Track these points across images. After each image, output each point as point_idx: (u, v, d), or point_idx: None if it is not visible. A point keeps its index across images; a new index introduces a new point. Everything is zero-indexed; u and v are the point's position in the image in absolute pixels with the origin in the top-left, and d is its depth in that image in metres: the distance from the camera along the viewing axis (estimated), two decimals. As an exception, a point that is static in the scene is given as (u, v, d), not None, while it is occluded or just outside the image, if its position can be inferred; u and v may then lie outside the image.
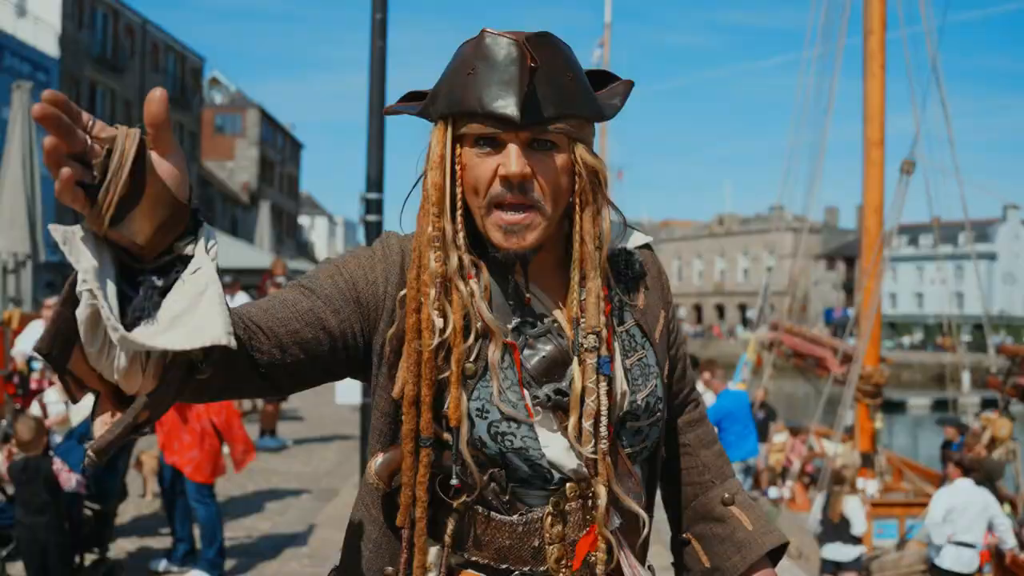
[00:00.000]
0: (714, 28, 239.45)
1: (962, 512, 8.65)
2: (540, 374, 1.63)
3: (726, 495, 1.90)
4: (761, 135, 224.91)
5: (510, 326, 1.65)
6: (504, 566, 1.66)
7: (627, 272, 1.80)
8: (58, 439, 7.66)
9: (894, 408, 33.50)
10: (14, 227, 11.71)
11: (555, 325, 1.67)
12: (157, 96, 1.17)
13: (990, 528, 8.75)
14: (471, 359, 1.61)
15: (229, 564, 7.22)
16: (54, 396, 7.91)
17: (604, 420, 1.62)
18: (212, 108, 61.00)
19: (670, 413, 1.90)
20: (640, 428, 1.72)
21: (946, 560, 8.68)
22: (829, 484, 9.29)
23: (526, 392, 1.62)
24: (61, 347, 1.22)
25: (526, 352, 1.64)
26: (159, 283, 1.22)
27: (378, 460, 1.66)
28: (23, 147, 12.04)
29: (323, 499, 9.67)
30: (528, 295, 1.67)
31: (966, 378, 18.05)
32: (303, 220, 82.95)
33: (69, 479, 5.91)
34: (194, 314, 1.20)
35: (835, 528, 9.00)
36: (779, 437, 13.98)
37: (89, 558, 6.39)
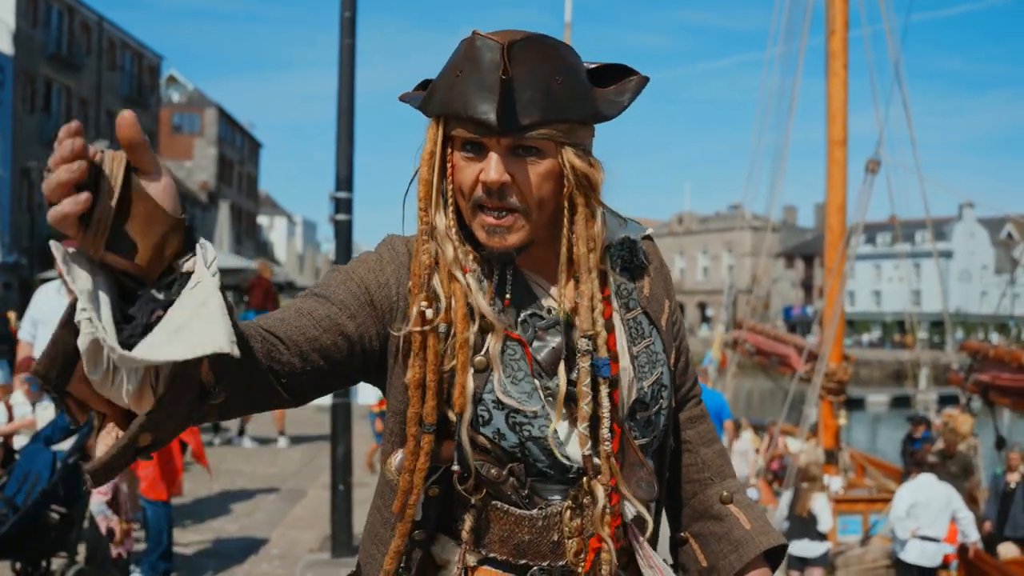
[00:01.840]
0: (673, 28, 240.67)
1: (925, 507, 8.77)
2: (550, 365, 1.64)
3: (724, 493, 1.89)
4: (719, 135, 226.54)
5: (519, 319, 1.66)
6: (523, 562, 1.67)
7: (631, 261, 1.79)
8: (24, 441, 7.55)
9: (853, 405, 33.84)
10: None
11: (565, 316, 1.68)
12: (127, 119, 1.17)
13: (954, 522, 8.89)
14: (482, 352, 1.62)
15: (199, 567, 7.16)
16: (20, 398, 7.79)
17: (606, 423, 1.62)
18: (170, 107, 60.41)
19: (680, 400, 1.92)
20: (649, 418, 1.73)
21: (911, 554, 8.80)
22: (796, 481, 9.36)
23: (538, 383, 1.63)
24: (60, 370, 1.22)
25: (535, 344, 1.65)
26: (160, 296, 1.21)
27: (398, 457, 1.66)
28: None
29: (291, 500, 9.62)
30: (508, 296, 1.67)
31: (923, 375, 18.28)
32: (262, 220, 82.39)
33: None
34: (195, 325, 1.17)
35: (802, 524, 9.07)
36: (744, 435, 14.06)
37: (56, 562, 6.30)
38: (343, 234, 7.50)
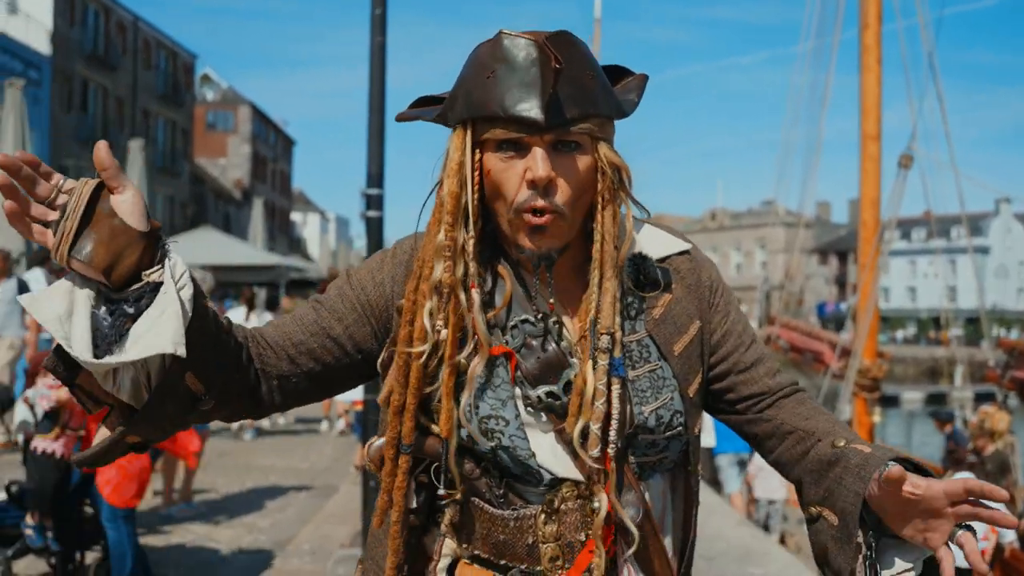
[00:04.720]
0: (700, 23, 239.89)
1: (962, 506, 8.65)
2: (534, 375, 1.61)
3: (838, 440, 1.62)
4: (750, 130, 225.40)
5: (510, 324, 1.64)
6: (503, 561, 1.65)
7: (641, 280, 1.70)
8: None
9: (888, 402, 33.54)
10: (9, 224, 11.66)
11: (556, 326, 1.64)
12: (100, 146, 1.37)
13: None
14: (463, 356, 1.61)
15: (231, 562, 7.21)
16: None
17: (615, 424, 1.57)
18: (204, 105, 60.85)
19: (755, 405, 1.76)
20: (655, 441, 1.65)
21: (946, 554, 8.69)
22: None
23: (518, 392, 1.61)
24: (67, 366, 1.43)
25: (523, 351, 1.62)
26: (130, 311, 1.39)
27: (375, 444, 1.69)
28: (16, 144, 11.98)
29: (323, 496, 9.64)
30: (552, 301, 1.65)
31: (959, 372, 18.06)
32: (296, 216, 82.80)
33: None
34: (152, 331, 1.37)
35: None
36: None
37: (91, 556, 6.36)
38: (374, 230, 7.49)
